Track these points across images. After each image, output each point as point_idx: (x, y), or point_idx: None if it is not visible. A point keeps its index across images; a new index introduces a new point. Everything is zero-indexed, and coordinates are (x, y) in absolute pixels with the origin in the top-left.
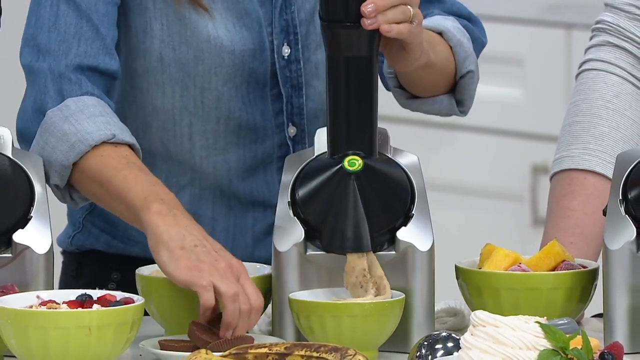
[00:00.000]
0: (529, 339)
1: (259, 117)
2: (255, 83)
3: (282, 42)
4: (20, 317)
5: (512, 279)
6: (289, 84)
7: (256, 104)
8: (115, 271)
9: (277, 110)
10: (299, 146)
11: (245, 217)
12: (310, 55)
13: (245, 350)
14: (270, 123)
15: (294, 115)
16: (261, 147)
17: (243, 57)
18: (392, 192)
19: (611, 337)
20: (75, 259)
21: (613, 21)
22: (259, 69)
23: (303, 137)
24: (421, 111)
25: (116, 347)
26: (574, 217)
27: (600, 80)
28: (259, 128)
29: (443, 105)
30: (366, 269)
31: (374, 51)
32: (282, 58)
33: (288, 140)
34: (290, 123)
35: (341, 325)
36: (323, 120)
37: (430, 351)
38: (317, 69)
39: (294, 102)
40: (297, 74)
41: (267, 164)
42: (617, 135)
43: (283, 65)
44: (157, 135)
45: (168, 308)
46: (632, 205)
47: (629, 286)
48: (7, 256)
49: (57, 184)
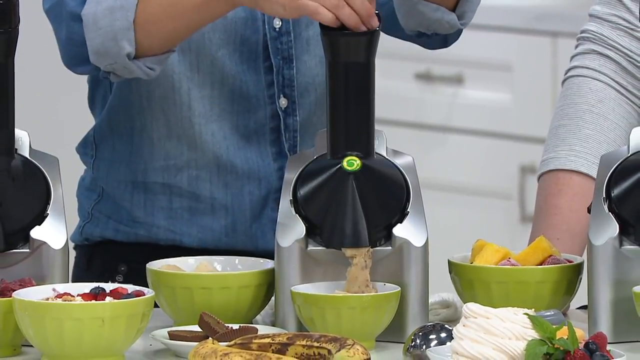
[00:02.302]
0: (518, 329)
1: (251, 87)
2: (248, 52)
3: None
4: (37, 309)
5: (502, 273)
6: (279, 56)
7: (249, 73)
8: (122, 263)
9: (269, 82)
10: (290, 118)
11: (242, 193)
12: (301, 30)
13: (249, 340)
14: (262, 94)
15: (285, 87)
16: (253, 117)
17: (235, 24)
18: (389, 190)
19: (595, 327)
20: (86, 253)
21: (597, 30)
22: (251, 38)
23: (294, 109)
24: (424, 19)
25: (128, 338)
26: (560, 214)
27: (585, 86)
28: (252, 97)
29: (445, 14)
30: (368, 279)
31: (372, 57)
32: (274, 29)
33: (279, 111)
34: (282, 95)
35: (340, 317)
36: (314, 94)
37: (424, 341)
38: (308, 45)
39: (285, 74)
40: (288, 46)
41: (260, 135)
42: (601, 137)
43: (274, 37)
44: (159, 105)
45: (176, 300)
46: (615, 204)
47: (612, 280)
48: (25, 251)
49: (130, 51)
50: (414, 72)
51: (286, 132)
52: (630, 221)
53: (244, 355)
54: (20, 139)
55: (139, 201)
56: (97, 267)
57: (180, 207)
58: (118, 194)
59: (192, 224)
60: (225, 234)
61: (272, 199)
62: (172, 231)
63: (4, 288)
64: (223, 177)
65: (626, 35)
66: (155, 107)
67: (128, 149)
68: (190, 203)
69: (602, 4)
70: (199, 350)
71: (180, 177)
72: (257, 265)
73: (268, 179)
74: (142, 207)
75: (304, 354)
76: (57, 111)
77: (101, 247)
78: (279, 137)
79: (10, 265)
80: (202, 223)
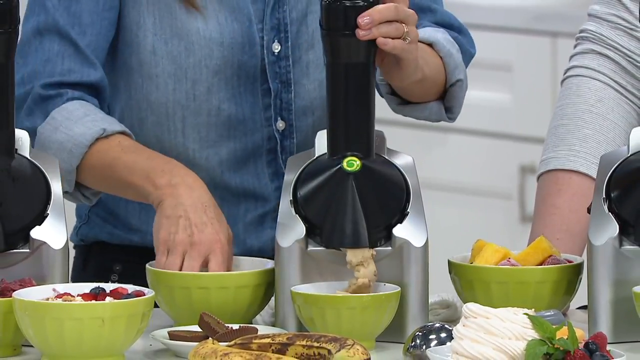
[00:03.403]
0: (518, 329)
1: (248, 111)
2: (246, 77)
3: (272, 39)
4: (38, 309)
5: (502, 273)
6: (277, 80)
7: (246, 97)
8: (117, 263)
9: (266, 105)
10: (287, 141)
11: (237, 208)
12: (302, 54)
13: (249, 340)
14: (259, 117)
15: (283, 111)
16: (251, 140)
17: (232, 50)
18: (389, 191)
19: (595, 327)
20: (82, 253)
21: (596, 30)
22: (248, 62)
23: (292, 132)
24: (412, 117)
25: (128, 338)
26: (560, 214)
27: (584, 86)
28: (248, 121)
29: (433, 112)
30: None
31: (372, 58)
32: (272, 54)
33: (276, 134)
34: (279, 117)
35: (340, 317)
36: (311, 117)
37: (425, 341)
38: (307, 68)
39: (283, 97)
40: (286, 71)
41: (257, 157)
42: (600, 137)
43: (272, 61)
44: (152, 131)
45: (175, 300)
46: (615, 204)
47: (612, 280)
48: (25, 251)
49: (67, 190)
50: None
51: (283, 154)
52: (630, 221)
53: (244, 355)
54: (20, 139)
55: (134, 209)
56: (92, 267)
57: None
58: (113, 202)
59: None
60: None
61: (271, 217)
62: None
63: (4, 288)
64: (219, 192)
65: (625, 34)
66: (148, 134)
67: None
68: None
69: (601, 3)
70: (199, 350)
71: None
72: (257, 265)
73: (265, 199)
74: (137, 215)
75: (304, 354)
76: None
77: (96, 248)
78: (275, 159)
79: (10, 265)
80: None
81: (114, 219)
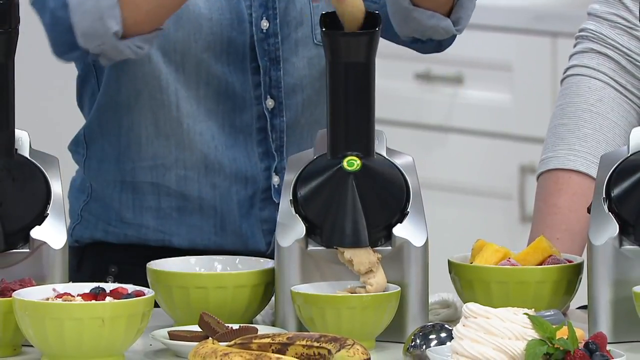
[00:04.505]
0: (518, 329)
1: (238, 87)
2: (235, 54)
3: (260, 16)
4: (37, 309)
5: (502, 273)
6: (266, 57)
7: (236, 74)
8: (112, 264)
9: (255, 82)
10: (277, 119)
11: (229, 193)
12: (290, 32)
13: (249, 340)
14: (249, 94)
15: (272, 88)
16: (239, 116)
17: (221, 26)
18: (389, 190)
19: (595, 327)
20: (76, 255)
21: (596, 29)
22: (237, 39)
23: (281, 110)
24: (419, 26)
25: (128, 338)
26: (559, 214)
27: (584, 85)
28: (238, 97)
29: (440, 20)
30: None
31: (372, 58)
32: (261, 31)
33: (266, 112)
34: (269, 95)
35: (340, 317)
36: (301, 95)
37: (424, 341)
38: (296, 46)
39: (272, 75)
40: (275, 48)
41: (246, 135)
42: (600, 137)
43: (261, 38)
44: (148, 104)
45: (173, 299)
46: (615, 204)
47: (612, 280)
48: (25, 251)
49: (117, 29)
50: (413, 72)
51: (273, 133)
52: (630, 221)
53: (244, 355)
54: (20, 139)
55: (128, 201)
56: (87, 269)
57: (169, 207)
58: (107, 194)
59: (181, 224)
60: (215, 233)
61: (260, 198)
62: (161, 231)
63: (4, 288)
64: (211, 177)
65: (625, 34)
66: (143, 107)
67: (117, 148)
68: (179, 203)
69: (601, 2)
70: (199, 350)
71: (168, 176)
72: (257, 265)
73: (255, 179)
74: (131, 208)
75: (304, 354)
76: (57, 111)
77: (91, 249)
78: (265, 138)
79: (10, 265)
80: (191, 223)
81: (108, 214)
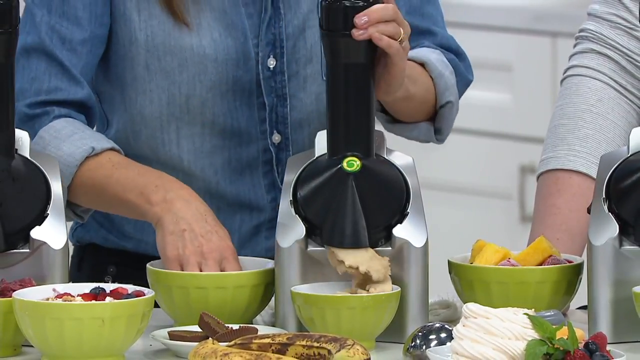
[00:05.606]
0: (518, 329)
1: (243, 123)
2: (241, 91)
3: (267, 54)
4: (38, 309)
5: (502, 273)
6: (273, 94)
7: (242, 110)
8: (111, 264)
9: (261, 118)
10: (283, 153)
11: (233, 219)
12: (299, 69)
13: (249, 340)
14: (255, 129)
15: (279, 124)
16: (245, 151)
17: (226, 66)
18: (389, 191)
19: (595, 327)
20: (78, 253)
21: (596, 30)
22: (243, 77)
23: (287, 144)
24: (402, 136)
25: (128, 338)
26: (559, 214)
27: (584, 86)
28: (244, 133)
29: (422, 132)
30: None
31: (372, 58)
32: (267, 69)
33: (272, 147)
34: (275, 131)
35: (340, 317)
36: (307, 129)
37: (425, 341)
38: (304, 82)
39: (279, 111)
40: (282, 85)
41: (253, 168)
42: (600, 137)
43: (268, 76)
44: (146, 143)
45: (173, 299)
46: (615, 204)
47: (611, 280)
48: (25, 251)
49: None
50: None
51: (278, 166)
52: (630, 221)
53: (244, 356)
54: (20, 139)
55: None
56: (87, 268)
57: None
58: None
59: None
60: None
61: (266, 228)
62: None
63: (4, 288)
64: (216, 202)
65: (625, 34)
66: (142, 146)
67: None
68: None
69: (601, 3)
70: (199, 350)
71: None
72: (257, 265)
73: (260, 210)
74: (132, 223)
75: (304, 354)
76: None
77: (91, 249)
78: (271, 170)
79: (10, 265)
80: None
81: (109, 224)
